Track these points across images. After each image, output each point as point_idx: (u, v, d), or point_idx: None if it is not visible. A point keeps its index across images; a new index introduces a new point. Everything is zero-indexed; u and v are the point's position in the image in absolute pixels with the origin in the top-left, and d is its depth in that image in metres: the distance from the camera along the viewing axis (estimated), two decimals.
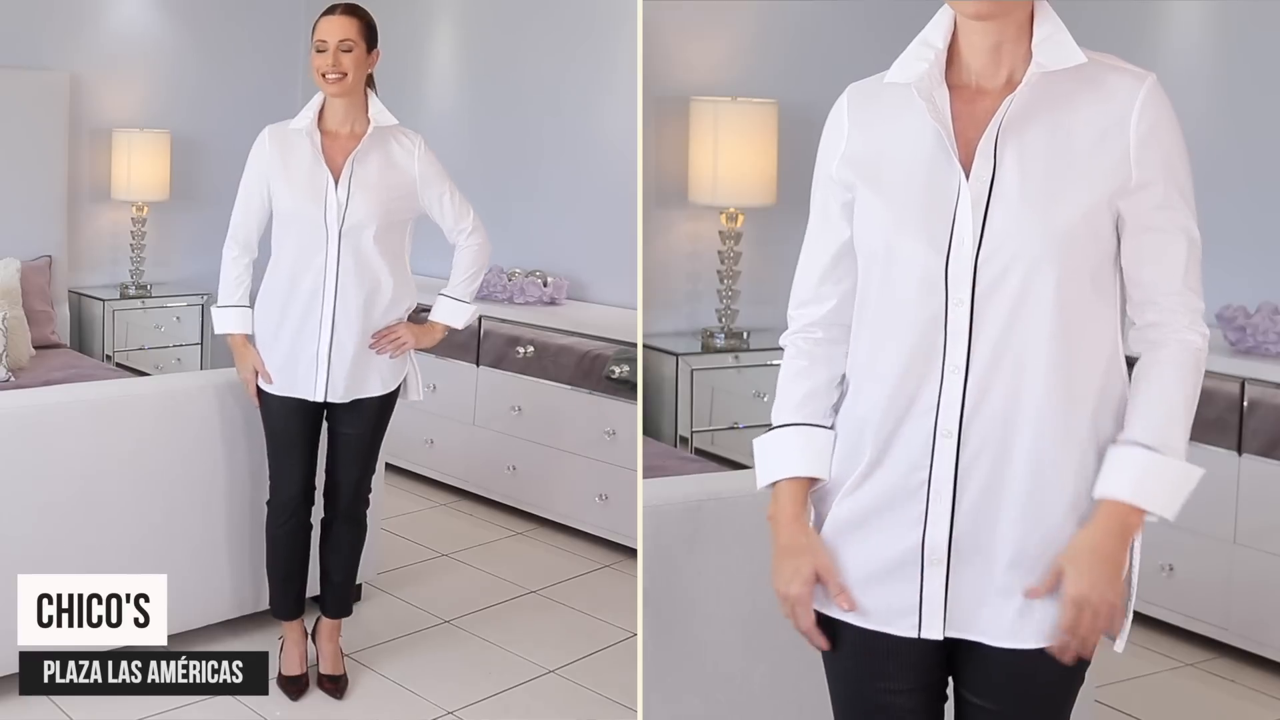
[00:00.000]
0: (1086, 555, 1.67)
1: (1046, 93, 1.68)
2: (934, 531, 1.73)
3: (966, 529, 1.72)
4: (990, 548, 1.72)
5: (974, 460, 1.71)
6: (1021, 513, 1.70)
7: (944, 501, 1.72)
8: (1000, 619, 1.72)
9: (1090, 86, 1.68)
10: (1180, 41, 4.52)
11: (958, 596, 1.74)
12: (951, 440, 1.71)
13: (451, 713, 3.29)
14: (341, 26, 3.09)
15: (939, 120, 1.71)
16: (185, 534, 3.43)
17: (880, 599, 1.77)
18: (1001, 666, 1.74)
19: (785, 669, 2.59)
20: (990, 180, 1.68)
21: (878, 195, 1.76)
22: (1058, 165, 1.67)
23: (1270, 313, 3.90)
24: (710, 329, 4.69)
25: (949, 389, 1.70)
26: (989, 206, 1.67)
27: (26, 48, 5.49)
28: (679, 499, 2.57)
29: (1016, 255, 1.66)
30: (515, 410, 4.85)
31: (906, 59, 1.75)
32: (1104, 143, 1.67)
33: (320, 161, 3.14)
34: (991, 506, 1.71)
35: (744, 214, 4.62)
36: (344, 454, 3.29)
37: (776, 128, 4.58)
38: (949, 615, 1.74)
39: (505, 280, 5.19)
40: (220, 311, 3.31)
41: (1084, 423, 1.70)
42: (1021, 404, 1.69)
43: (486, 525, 4.82)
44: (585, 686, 3.46)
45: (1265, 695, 3.56)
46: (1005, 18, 1.68)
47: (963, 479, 1.71)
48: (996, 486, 1.71)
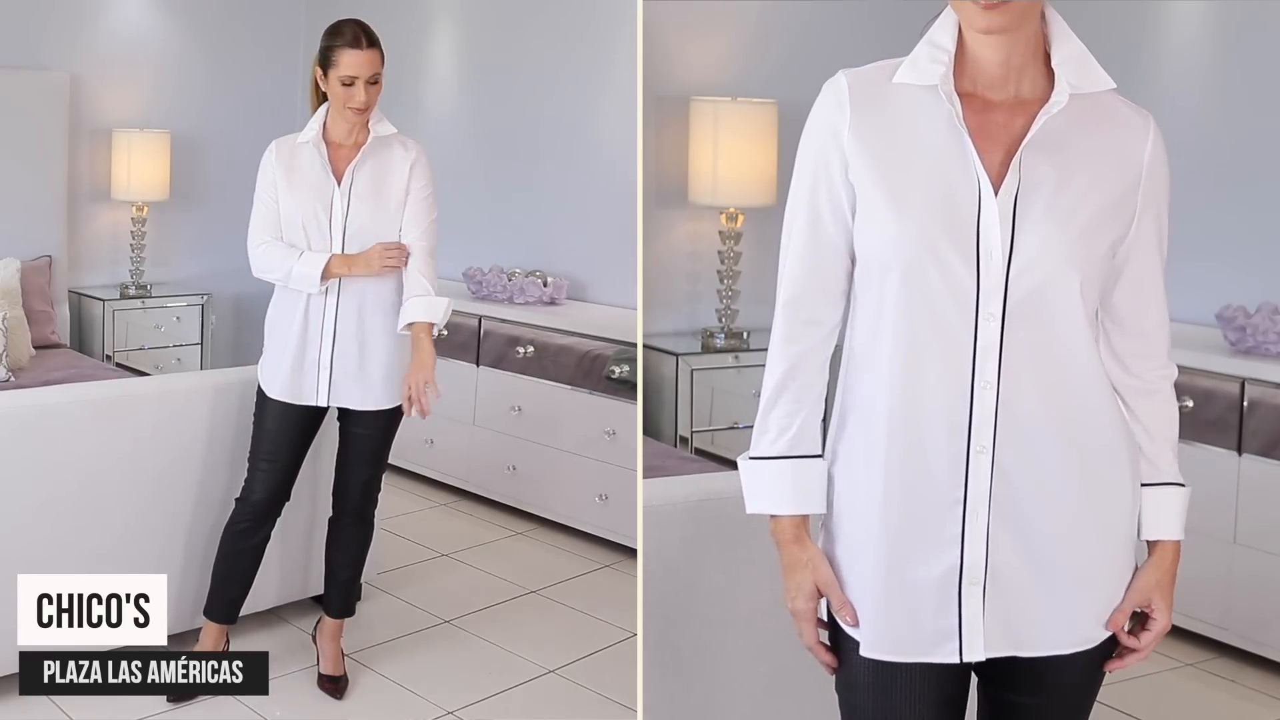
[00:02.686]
0: (1166, 590, 1.82)
1: (1069, 113, 1.68)
2: (972, 551, 1.70)
3: (1006, 545, 1.70)
4: (1033, 563, 1.71)
5: (1009, 476, 1.69)
6: (1065, 526, 1.71)
7: (980, 520, 1.69)
8: (1045, 633, 1.73)
9: (1105, 113, 1.70)
10: (1180, 41, 4.52)
11: (998, 615, 1.71)
12: (986, 456, 1.68)
13: (451, 713, 3.29)
14: (372, 62, 3.11)
15: (953, 127, 1.67)
16: (185, 534, 3.43)
17: (916, 626, 1.72)
18: (1044, 664, 1.76)
19: (785, 669, 2.59)
20: (1015, 194, 1.66)
21: (890, 201, 1.68)
22: (1079, 185, 1.67)
23: (1270, 313, 3.90)
24: (710, 329, 4.69)
25: (981, 404, 1.67)
26: (1016, 221, 1.66)
27: (26, 48, 5.49)
28: (679, 499, 2.57)
29: (1046, 270, 1.66)
30: (515, 410, 4.85)
31: (919, 60, 1.69)
32: (1119, 171, 1.69)
33: (327, 172, 3.18)
34: (1029, 521, 1.70)
35: (744, 214, 4.62)
36: (355, 454, 3.30)
37: (776, 128, 4.58)
38: (987, 634, 1.72)
39: (505, 280, 5.19)
40: (301, 264, 3.14)
41: (1119, 433, 1.76)
42: (1056, 418, 1.69)
43: (486, 525, 4.82)
44: (585, 686, 3.46)
45: (1265, 695, 3.56)
46: (1016, 32, 1.65)
47: (999, 496, 1.69)
48: (1034, 500, 1.70)
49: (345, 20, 3.16)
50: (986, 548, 1.70)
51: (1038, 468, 1.69)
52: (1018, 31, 1.65)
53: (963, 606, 1.70)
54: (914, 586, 1.71)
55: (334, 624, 3.40)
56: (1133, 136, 1.70)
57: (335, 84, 3.11)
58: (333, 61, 3.10)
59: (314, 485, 3.58)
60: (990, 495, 1.69)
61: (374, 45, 3.12)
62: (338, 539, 3.39)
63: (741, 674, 2.61)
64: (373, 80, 3.12)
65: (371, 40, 3.12)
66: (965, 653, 1.72)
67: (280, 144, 3.23)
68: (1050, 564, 1.71)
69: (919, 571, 1.71)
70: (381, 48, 3.14)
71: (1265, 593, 3.66)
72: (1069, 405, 1.69)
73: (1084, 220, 1.67)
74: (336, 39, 3.11)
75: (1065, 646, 1.74)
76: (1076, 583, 1.72)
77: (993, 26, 1.62)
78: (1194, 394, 3.84)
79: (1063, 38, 1.69)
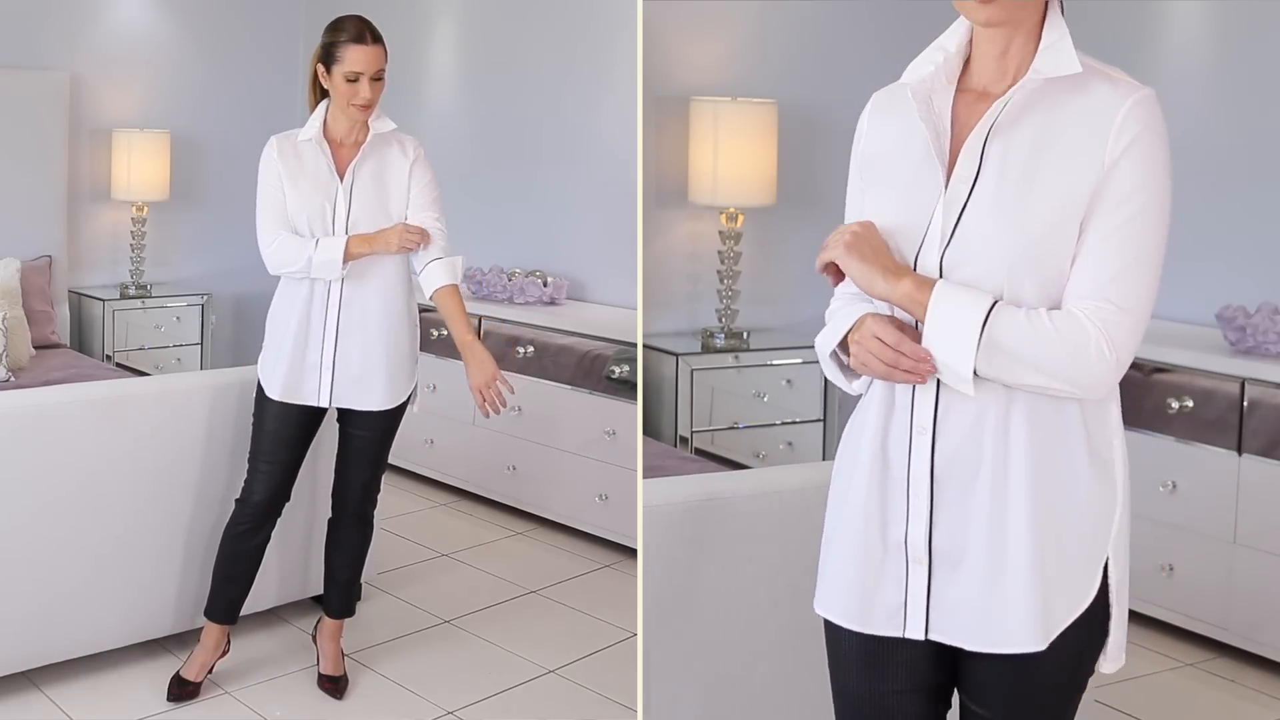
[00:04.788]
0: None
1: (1041, 100, 1.68)
2: (914, 530, 1.73)
3: (945, 529, 1.71)
4: (966, 549, 1.70)
5: (950, 459, 1.70)
6: (999, 515, 1.67)
7: (922, 499, 1.72)
8: (974, 623, 1.70)
9: (1081, 95, 1.67)
10: (1180, 41, 4.52)
11: (938, 598, 1.73)
12: (926, 437, 1.71)
13: (451, 713, 3.29)
14: (376, 57, 3.09)
15: (928, 121, 1.72)
16: (185, 534, 3.43)
17: (873, 598, 1.77)
18: (996, 672, 1.73)
19: (785, 669, 2.59)
20: (972, 183, 1.68)
21: (874, 193, 1.79)
22: (1036, 173, 1.65)
23: (1270, 313, 3.90)
24: (710, 329, 4.69)
25: (923, 387, 1.70)
26: (964, 209, 1.68)
27: (26, 48, 5.49)
28: (679, 499, 2.56)
29: (983, 259, 1.65)
30: (515, 410, 4.85)
31: (918, 62, 1.77)
32: (1081, 155, 1.63)
33: (331, 170, 3.17)
34: (967, 507, 1.69)
35: (744, 214, 4.62)
36: (355, 456, 3.30)
37: (776, 128, 4.58)
38: (931, 618, 1.73)
39: (505, 280, 5.19)
40: (320, 251, 3.10)
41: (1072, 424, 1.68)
42: (991, 405, 1.67)
43: (486, 525, 4.82)
44: (585, 686, 3.46)
45: (1265, 695, 3.56)
46: (1015, 25, 1.68)
47: (940, 478, 1.71)
48: (971, 487, 1.69)
49: (348, 16, 3.13)
50: (930, 529, 1.71)
51: (975, 453, 1.68)
52: (1016, 25, 1.68)
53: (909, 583, 1.74)
54: (875, 559, 1.76)
55: (334, 624, 3.40)
56: (1101, 119, 1.63)
57: (339, 80, 3.09)
58: (336, 57, 3.08)
59: (314, 485, 3.58)
60: (932, 477, 1.71)
61: (378, 41, 3.10)
62: (337, 539, 3.39)
63: (741, 674, 2.60)
64: (377, 76, 3.10)
65: (376, 36, 3.10)
66: (908, 628, 1.74)
67: (281, 139, 3.21)
68: (980, 552, 1.69)
69: (876, 546, 1.76)
70: (385, 44, 3.13)
71: (1265, 593, 3.66)
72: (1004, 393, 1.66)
73: (1031, 209, 1.64)
74: (340, 34, 3.09)
75: (1000, 645, 1.69)
76: (1014, 578, 1.67)
77: (991, 19, 1.67)
78: (1194, 394, 3.84)
79: (1051, 25, 1.70)
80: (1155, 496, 3.88)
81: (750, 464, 4.49)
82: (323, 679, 3.37)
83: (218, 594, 3.29)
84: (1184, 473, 3.85)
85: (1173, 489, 3.86)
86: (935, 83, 1.74)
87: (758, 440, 4.64)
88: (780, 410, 4.68)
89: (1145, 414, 3.93)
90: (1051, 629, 1.69)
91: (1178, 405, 3.85)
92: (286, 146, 3.19)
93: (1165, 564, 3.86)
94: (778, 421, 4.68)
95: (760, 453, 4.63)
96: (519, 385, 4.83)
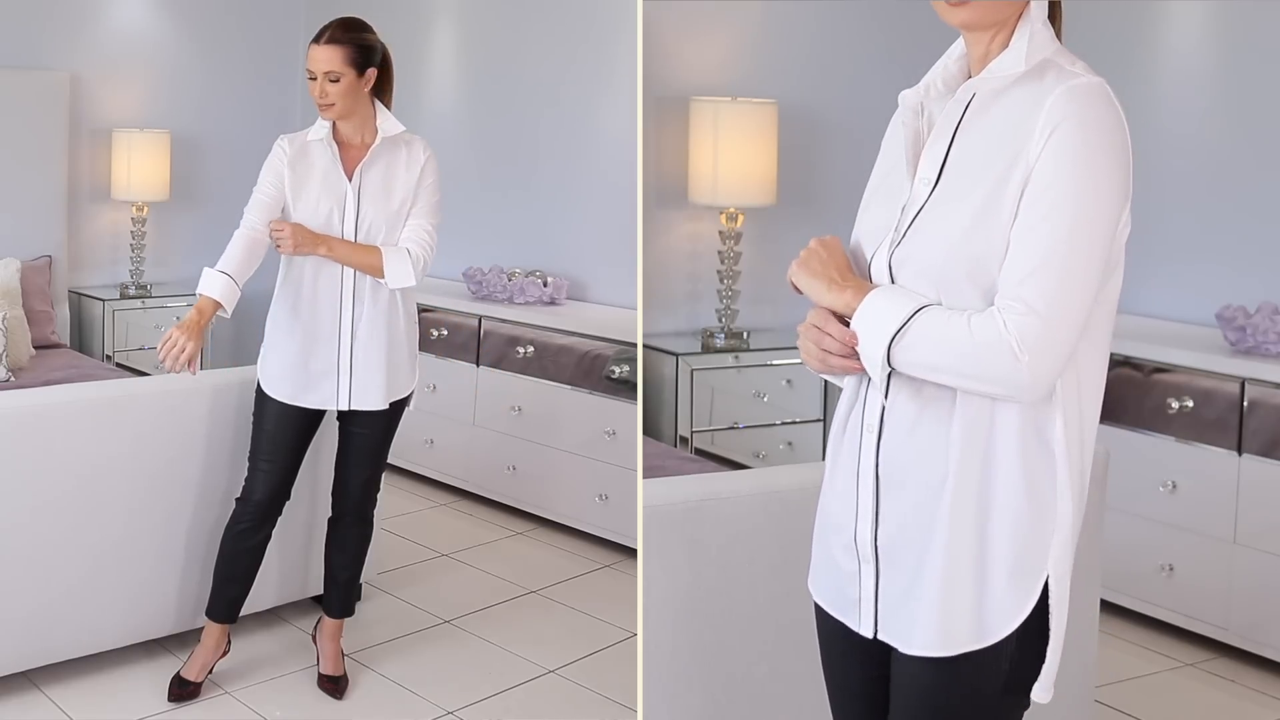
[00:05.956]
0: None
1: (1002, 99, 1.66)
2: (862, 528, 1.74)
3: (887, 529, 1.71)
4: (903, 550, 1.69)
5: (891, 459, 1.70)
6: (927, 519, 1.65)
7: (869, 497, 1.72)
8: (899, 623, 1.70)
9: (1027, 92, 1.63)
10: (1180, 41, 4.52)
11: (883, 597, 1.73)
12: (873, 436, 1.72)
13: (451, 713, 3.29)
14: (326, 58, 3.06)
15: (909, 126, 1.74)
16: (185, 534, 3.43)
17: (844, 590, 1.79)
18: (903, 675, 1.72)
19: (785, 669, 2.59)
20: (933, 185, 1.68)
21: (870, 200, 1.82)
22: (978, 171, 1.63)
23: (1270, 313, 3.90)
24: (710, 329, 4.69)
25: (874, 385, 1.71)
26: (919, 211, 1.68)
27: (26, 48, 5.49)
28: (679, 499, 2.56)
29: (920, 259, 1.65)
30: (515, 410, 4.85)
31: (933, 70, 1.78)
32: (1009, 149, 1.60)
33: (340, 171, 3.17)
34: (905, 508, 1.69)
35: (744, 214, 4.63)
36: (355, 454, 3.30)
37: (776, 128, 4.58)
38: (880, 616, 1.74)
39: (505, 280, 5.19)
40: (209, 272, 3.03)
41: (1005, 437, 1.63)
42: (930, 406, 1.66)
43: (486, 525, 4.82)
44: (585, 686, 3.46)
45: (1265, 695, 3.56)
46: (993, 27, 1.66)
47: (884, 477, 1.71)
48: (906, 487, 1.68)
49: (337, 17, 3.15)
50: (875, 527, 1.72)
51: (914, 455, 1.68)
52: (994, 27, 1.67)
53: (861, 580, 1.75)
54: (839, 551, 1.79)
55: (334, 624, 3.40)
56: (1031, 111, 1.59)
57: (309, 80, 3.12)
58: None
59: (314, 485, 3.58)
60: (876, 476, 1.71)
61: (334, 41, 3.06)
62: (337, 539, 3.39)
63: (741, 674, 2.60)
64: (332, 79, 3.06)
65: (334, 37, 3.06)
66: (861, 624, 1.76)
67: (291, 139, 3.21)
68: (910, 553, 1.68)
69: (841, 539, 1.78)
70: (350, 44, 3.07)
71: (1265, 593, 3.66)
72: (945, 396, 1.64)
73: (962, 211, 1.61)
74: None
75: (908, 646, 1.69)
76: (928, 581, 1.65)
77: (965, 22, 1.67)
78: (1194, 394, 3.84)
79: (1019, 27, 1.66)
80: (1155, 496, 3.88)
81: (750, 464, 4.49)
82: (323, 679, 3.37)
83: (218, 593, 3.29)
84: (1184, 473, 3.85)
85: (1173, 489, 3.86)
86: (931, 89, 1.75)
87: (758, 440, 4.64)
88: (780, 410, 4.68)
89: (1145, 414, 3.93)
90: (960, 640, 1.65)
91: (1178, 405, 3.85)
92: (296, 147, 3.19)
93: (1165, 564, 3.86)
94: (777, 421, 4.68)
95: (760, 453, 4.63)
96: (519, 385, 4.84)
